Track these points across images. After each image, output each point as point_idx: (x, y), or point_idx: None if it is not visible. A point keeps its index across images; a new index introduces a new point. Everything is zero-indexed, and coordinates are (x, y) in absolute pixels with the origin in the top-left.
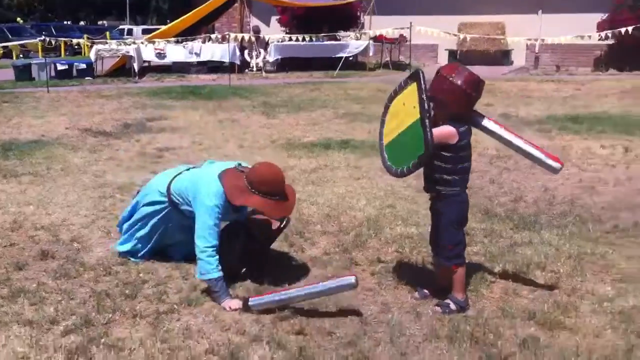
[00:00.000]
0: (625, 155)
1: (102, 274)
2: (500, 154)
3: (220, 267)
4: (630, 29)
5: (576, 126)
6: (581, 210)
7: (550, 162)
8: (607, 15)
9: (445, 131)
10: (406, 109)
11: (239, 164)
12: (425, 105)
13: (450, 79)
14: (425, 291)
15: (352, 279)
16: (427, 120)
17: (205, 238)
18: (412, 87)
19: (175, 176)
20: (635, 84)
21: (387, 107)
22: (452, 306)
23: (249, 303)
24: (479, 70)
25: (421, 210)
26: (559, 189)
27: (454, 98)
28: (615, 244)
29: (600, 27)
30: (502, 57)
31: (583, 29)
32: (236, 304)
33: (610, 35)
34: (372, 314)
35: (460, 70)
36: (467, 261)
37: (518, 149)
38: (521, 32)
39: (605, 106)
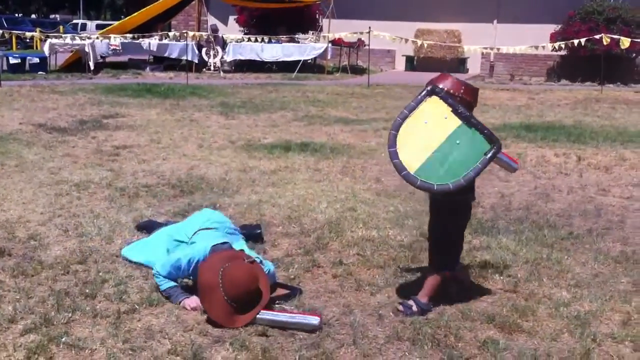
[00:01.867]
0: (578, 164)
1: (61, 272)
2: None
3: (168, 281)
4: (582, 40)
5: (531, 135)
6: (537, 217)
7: (510, 162)
8: (560, 26)
9: None
10: (433, 124)
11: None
12: (460, 108)
13: (461, 89)
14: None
15: (315, 320)
16: (473, 119)
17: (161, 268)
18: (433, 101)
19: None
20: (586, 94)
21: (395, 137)
22: (414, 308)
23: None
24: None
25: (381, 213)
26: (515, 195)
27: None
28: (570, 250)
29: (553, 38)
30: (458, 64)
31: (537, 39)
32: (194, 301)
33: (562, 46)
34: (335, 315)
35: (458, 81)
36: (426, 265)
37: None
38: (477, 40)
39: (558, 115)
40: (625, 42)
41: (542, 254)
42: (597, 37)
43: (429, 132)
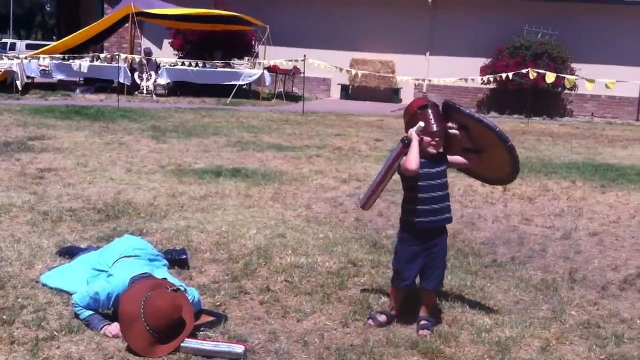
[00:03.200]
0: (504, 194)
1: None
2: (389, 187)
3: (87, 310)
4: (510, 74)
5: None
6: (462, 245)
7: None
8: (489, 60)
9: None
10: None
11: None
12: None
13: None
14: (381, 318)
15: (240, 349)
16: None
17: (80, 299)
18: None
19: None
20: (514, 126)
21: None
22: (431, 324)
23: None
24: (369, 106)
25: (310, 240)
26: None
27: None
28: (493, 277)
29: (483, 71)
30: (392, 94)
31: (467, 72)
32: (115, 329)
33: (491, 79)
34: (260, 342)
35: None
36: (354, 292)
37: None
38: (410, 71)
39: None
40: (551, 77)
41: (467, 281)
42: (524, 71)
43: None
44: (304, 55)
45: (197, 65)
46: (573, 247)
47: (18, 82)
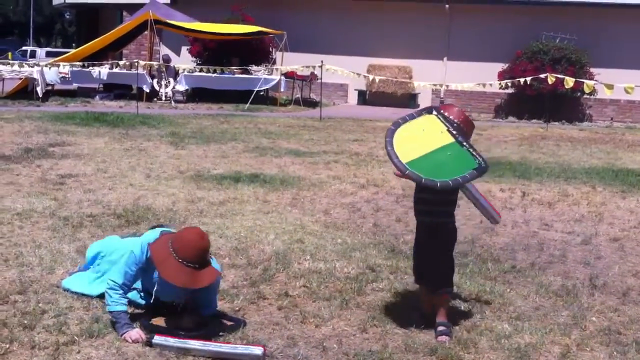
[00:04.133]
0: (523, 199)
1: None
2: (406, 192)
3: (125, 302)
4: (528, 79)
5: None
6: (481, 250)
7: (493, 213)
8: (507, 65)
9: None
10: (430, 134)
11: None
12: (455, 130)
13: (461, 117)
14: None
15: (259, 351)
16: (465, 143)
17: (116, 275)
18: (430, 118)
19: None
20: (532, 131)
21: (392, 132)
22: (449, 329)
23: (153, 340)
24: (386, 111)
25: (329, 245)
26: (461, 229)
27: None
28: (512, 283)
29: (501, 76)
30: (409, 99)
31: (485, 77)
32: (136, 334)
33: (509, 84)
34: (279, 348)
35: (461, 110)
36: (372, 298)
37: (469, 194)
38: (427, 77)
39: (505, 152)
40: (570, 82)
41: (486, 287)
42: (542, 76)
43: (424, 138)
44: (321, 61)
45: (215, 71)
46: (593, 253)
47: (38, 89)
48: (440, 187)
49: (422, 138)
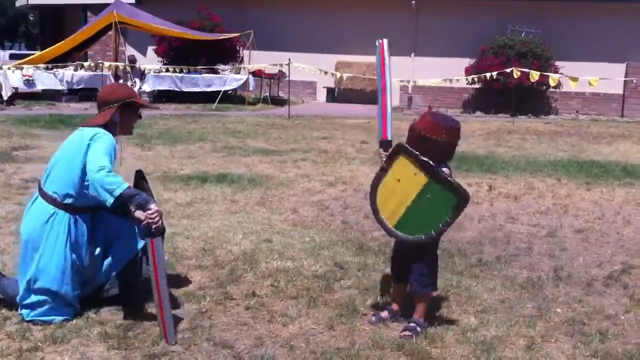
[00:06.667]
0: (490, 193)
1: None
2: None
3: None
4: (494, 74)
5: None
6: (448, 245)
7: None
8: (474, 60)
9: (448, 172)
10: (405, 182)
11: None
12: (428, 163)
13: (442, 134)
14: (383, 314)
15: None
16: (439, 175)
17: (98, 160)
18: (401, 161)
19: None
20: (499, 125)
21: (374, 195)
22: (419, 329)
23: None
24: (355, 108)
25: (297, 244)
26: None
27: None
28: (478, 277)
29: (468, 71)
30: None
31: (452, 72)
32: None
33: (476, 79)
34: (246, 348)
35: (439, 124)
36: (340, 295)
37: None
38: (395, 73)
39: (472, 146)
40: (535, 75)
41: (452, 281)
42: (508, 70)
43: (402, 189)
44: (289, 59)
45: (181, 71)
46: (558, 245)
47: (2, 93)
48: (426, 240)
49: (400, 189)
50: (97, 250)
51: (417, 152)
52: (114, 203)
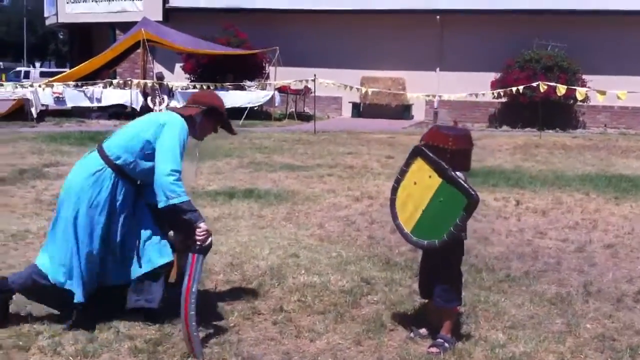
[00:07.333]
0: (517, 208)
1: None
2: None
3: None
4: (520, 88)
5: (471, 179)
6: (476, 260)
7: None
8: (500, 74)
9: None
10: (421, 185)
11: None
12: (443, 165)
13: (449, 142)
14: (422, 331)
15: None
16: (452, 176)
17: (172, 161)
18: (419, 164)
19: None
20: (526, 140)
21: (393, 201)
22: (447, 345)
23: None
24: (380, 123)
25: (323, 259)
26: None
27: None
28: (507, 292)
29: (494, 85)
30: (403, 111)
31: (478, 86)
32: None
33: (502, 93)
34: None
35: (446, 134)
36: (367, 310)
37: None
38: (420, 88)
39: (499, 160)
40: (562, 89)
41: (480, 297)
42: (534, 84)
43: (418, 192)
44: (314, 75)
45: (208, 88)
46: (587, 260)
47: (33, 110)
48: (439, 245)
49: (416, 193)
50: (119, 234)
51: (433, 155)
52: (165, 208)
